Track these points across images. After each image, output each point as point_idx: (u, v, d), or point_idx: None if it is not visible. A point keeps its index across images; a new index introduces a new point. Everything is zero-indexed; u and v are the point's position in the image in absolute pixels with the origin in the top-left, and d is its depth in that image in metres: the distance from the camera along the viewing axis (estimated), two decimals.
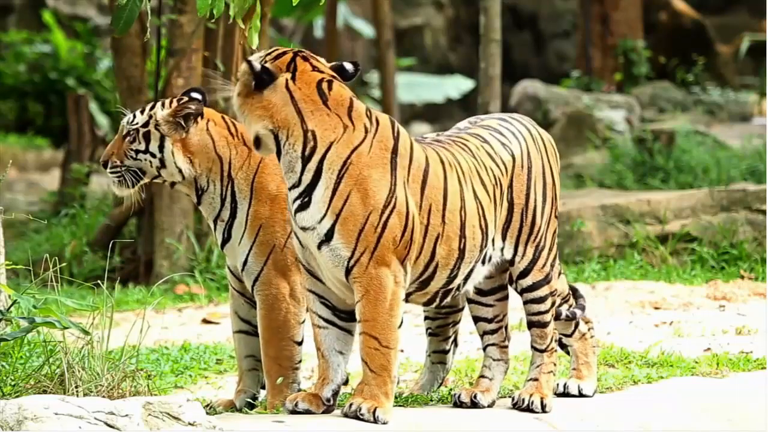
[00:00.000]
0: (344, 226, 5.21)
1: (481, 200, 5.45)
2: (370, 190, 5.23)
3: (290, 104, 5.29)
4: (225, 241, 5.76)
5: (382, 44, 19.05)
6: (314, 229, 5.24)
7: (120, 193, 5.79)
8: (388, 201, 5.24)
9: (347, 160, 5.24)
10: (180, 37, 10.39)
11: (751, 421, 5.67)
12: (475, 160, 5.50)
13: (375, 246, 5.22)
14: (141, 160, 5.71)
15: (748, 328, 7.39)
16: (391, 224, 5.23)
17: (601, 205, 10.55)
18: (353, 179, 5.23)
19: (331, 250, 5.23)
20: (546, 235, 5.63)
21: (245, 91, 5.33)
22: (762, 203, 10.31)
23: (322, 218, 5.23)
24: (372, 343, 5.23)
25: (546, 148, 5.70)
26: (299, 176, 5.26)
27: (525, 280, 5.61)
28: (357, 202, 5.22)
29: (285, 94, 5.29)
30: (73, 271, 10.56)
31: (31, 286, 5.57)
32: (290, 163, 5.27)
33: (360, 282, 5.23)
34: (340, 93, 5.33)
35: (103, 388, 5.29)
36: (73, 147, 13.75)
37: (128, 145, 5.72)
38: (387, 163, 5.28)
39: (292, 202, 5.29)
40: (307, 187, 5.25)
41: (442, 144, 5.53)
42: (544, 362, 5.62)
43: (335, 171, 5.23)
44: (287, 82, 5.30)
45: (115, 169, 5.73)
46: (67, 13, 22.89)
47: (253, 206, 5.70)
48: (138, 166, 5.71)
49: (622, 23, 19.52)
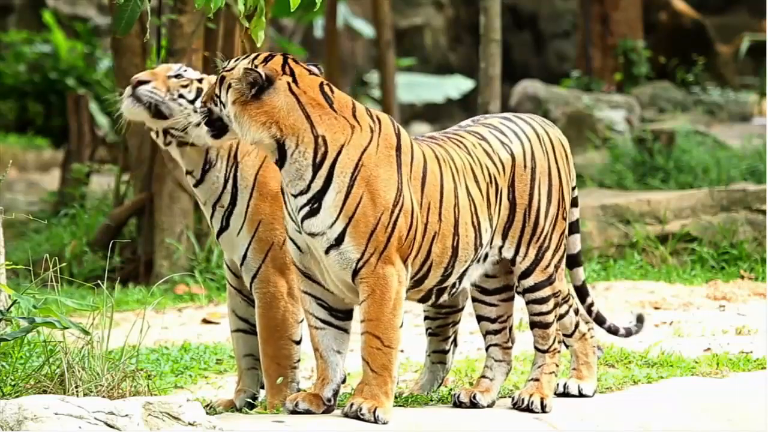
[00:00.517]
0: (356, 229, 5.17)
1: (473, 197, 5.43)
2: (381, 189, 5.20)
3: (298, 109, 5.18)
4: (222, 229, 5.71)
5: (382, 44, 19.04)
6: (323, 234, 5.20)
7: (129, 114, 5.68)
8: (397, 200, 5.21)
9: (358, 163, 5.19)
10: (180, 37, 10.39)
11: (751, 421, 5.67)
12: (469, 156, 5.47)
13: (384, 246, 5.19)
14: (181, 104, 5.65)
15: (748, 328, 7.39)
16: (400, 224, 5.21)
17: (601, 205, 10.55)
18: (365, 181, 5.18)
19: (340, 254, 5.20)
20: (551, 236, 5.60)
21: (242, 99, 5.21)
22: (762, 203, 10.31)
23: (333, 223, 5.18)
24: (374, 342, 5.22)
25: (554, 148, 5.64)
26: (308, 183, 5.19)
27: (527, 281, 5.59)
28: (369, 203, 5.18)
29: (291, 98, 5.19)
30: (73, 271, 10.56)
31: (31, 286, 5.57)
32: (298, 171, 5.19)
33: (367, 282, 5.20)
34: (342, 95, 5.29)
35: (103, 388, 5.29)
36: (73, 147, 13.75)
37: (177, 85, 5.67)
38: (393, 161, 5.25)
39: (297, 209, 5.21)
40: (316, 193, 5.18)
41: (436, 141, 5.50)
42: (546, 363, 5.62)
43: (347, 174, 5.17)
44: (290, 86, 5.20)
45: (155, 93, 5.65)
46: (67, 13, 22.89)
47: (254, 200, 5.67)
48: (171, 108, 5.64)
49: (622, 23, 19.52)
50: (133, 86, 5.68)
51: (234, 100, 5.21)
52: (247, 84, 5.19)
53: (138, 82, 5.68)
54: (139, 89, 5.67)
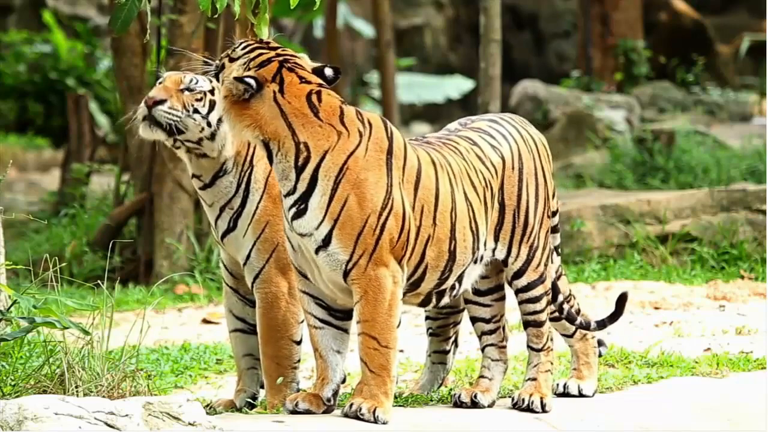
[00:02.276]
0: (342, 231, 5.20)
1: (471, 202, 5.45)
2: (368, 193, 5.22)
3: (280, 118, 5.23)
4: (229, 230, 5.70)
5: (382, 44, 19.04)
6: (311, 235, 5.23)
7: (147, 135, 5.59)
8: (386, 203, 5.23)
9: (344, 166, 5.21)
10: (180, 37, 10.39)
11: (751, 421, 5.67)
12: (465, 162, 5.49)
13: (373, 248, 5.21)
14: (195, 120, 5.59)
15: (748, 328, 7.39)
16: (389, 226, 5.23)
17: (601, 205, 10.55)
18: (350, 184, 5.21)
19: (328, 255, 5.22)
20: (539, 235, 5.63)
21: (231, 98, 5.25)
22: (762, 203, 10.31)
23: (319, 224, 5.21)
24: (371, 343, 5.23)
25: (537, 148, 5.69)
26: (294, 184, 5.24)
27: (520, 281, 5.61)
28: (354, 206, 5.21)
29: (274, 108, 5.23)
30: (73, 271, 10.56)
31: (31, 286, 5.57)
32: (284, 171, 5.25)
33: (359, 283, 5.22)
34: (330, 102, 5.29)
35: (103, 388, 5.29)
36: (73, 147, 13.74)
37: (191, 99, 5.60)
38: (383, 164, 5.27)
39: (287, 209, 5.26)
40: (302, 194, 5.22)
41: (432, 145, 5.51)
42: (541, 361, 5.63)
43: (332, 177, 5.20)
44: (275, 95, 5.24)
45: (171, 113, 5.55)
46: (67, 13, 22.89)
47: (263, 201, 5.67)
48: (186, 124, 5.57)
49: (622, 23, 19.51)
50: (149, 106, 5.58)
51: (225, 96, 5.28)
52: (238, 90, 5.23)
53: (153, 102, 5.57)
54: (156, 111, 5.56)
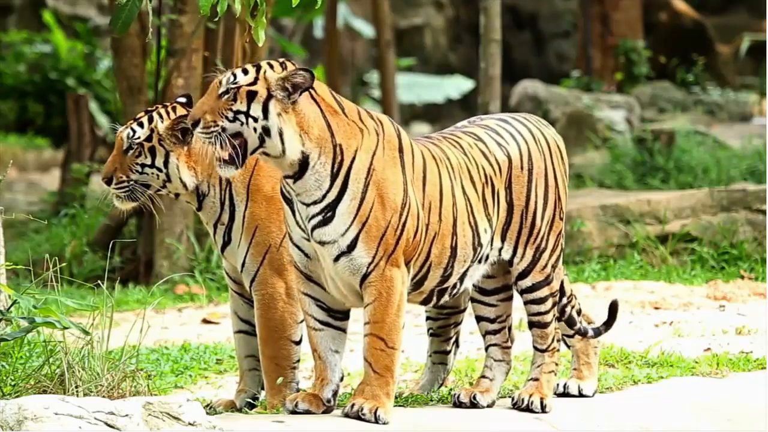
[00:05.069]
0: (368, 234, 5.16)
1: (469, 197, 5.42)
2: (390, 193, 5.18)
3: (320, 117, 5.14)
4: (226, 244, 5.74)
5: (382, 44, 19.04)
6: (335, 243, 5.18)
7: (122, 207, 5.70)
8: (404, 201, 5.21)
9: (370, 167, 5.17)
10: (180, 37, 10.39)
11: (751, 421, 5.67)
12: (465, 156, 5.45)
13: (393, 249, 5.19)
14: (147, 174, 5.65)
15: (748, 328, 7.39)
16: (408, 225, 5.21)
17: (601, 205, 10.55)
18: (376, 185, 5.17)
19: (350, 260, 5.18)
20: (548, 236, 5.60)
21: (286, 107, 5.07)
22: (762, 203, 10.31)
23: (346, 230, 5.16)
24: (378, 344, 5.22)
25: (550, 149, 5.63)
26: (324, 193, 5.16)
27: (525, 281, 5.60)
28: (379, 207, 5.17)
29: (314, 106, 5.13)
30: (73, 271, 10.56)
31: (31, 286, 5.57)
32: (317, 181, 5.14)
33: (375, 286, 5.20)
34: (346, 100, 5.27)
35: (103, 388, 5.28)
36: (73, 147, 13.74)
37: (133, 160, 5.64)
38: (398, 163, 5.25)
39: (308, 218, 5.19)
40: (331, 202, 5.15)
41: (432, 140, 5.49)
42: (545, 362, 5.62)
43: (361, 180, 5.15)
44: (311, 93, 5.15)
45: (122, 185, 5.65)
46: (67, 13, 22.89)
47: (249, 207, 5.67)
48: (144, 180, 5.66)
49: (622, 23, 19.51)
50: (106, 183, 5.66)
51: (279, 112, 5.09)
52: (293, 86, 5.08)
53: (105, 181, 5.65)
54: (112, 188, 5.63)
